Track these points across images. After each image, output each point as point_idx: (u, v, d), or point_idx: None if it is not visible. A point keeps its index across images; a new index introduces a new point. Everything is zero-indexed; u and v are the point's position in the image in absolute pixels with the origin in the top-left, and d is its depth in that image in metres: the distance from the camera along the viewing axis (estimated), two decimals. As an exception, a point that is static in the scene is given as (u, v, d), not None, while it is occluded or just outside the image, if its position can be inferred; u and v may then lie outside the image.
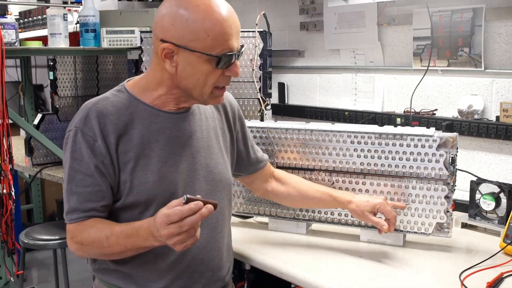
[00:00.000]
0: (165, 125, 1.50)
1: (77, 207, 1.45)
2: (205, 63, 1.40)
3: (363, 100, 2.67)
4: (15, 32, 2.60)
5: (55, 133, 3.36)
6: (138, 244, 1.39)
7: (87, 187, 1.44)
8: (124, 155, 1.45)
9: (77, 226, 1.46)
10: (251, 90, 2.38)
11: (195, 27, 1.37)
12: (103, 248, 1.43)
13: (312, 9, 2.82)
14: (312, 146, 1.94)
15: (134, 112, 1.48)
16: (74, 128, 1.46)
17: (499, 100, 2.15)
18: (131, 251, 1.43)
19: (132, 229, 1.39)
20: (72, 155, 1.45)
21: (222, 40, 1.38)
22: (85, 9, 2.82)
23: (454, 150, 1.76)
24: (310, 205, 1.93)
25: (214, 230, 1.59)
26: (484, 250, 1.80)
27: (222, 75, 1.44)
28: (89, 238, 1.44)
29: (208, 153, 1.59)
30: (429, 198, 1.80)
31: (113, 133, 1.44)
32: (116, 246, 1.41)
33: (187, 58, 1.40)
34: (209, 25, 1.37)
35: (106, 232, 1.41)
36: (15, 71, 5.01)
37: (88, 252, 1.50)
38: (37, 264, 4.60)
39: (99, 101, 1.48)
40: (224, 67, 1.42)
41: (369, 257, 1.77)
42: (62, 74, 3.39)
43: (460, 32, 2.21)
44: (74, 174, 1.45)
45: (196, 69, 1.41)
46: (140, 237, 1.36)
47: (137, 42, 2.80)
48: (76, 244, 1.47)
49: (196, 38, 1.37)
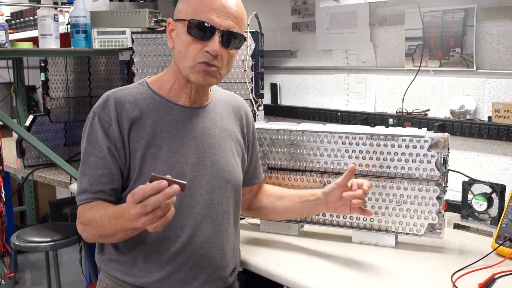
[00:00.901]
0: (178, 117, 1.56)
1: (87, 188, 1.50)
2: (185, 33, 1.49)
3: (356, 100, 2.66)
4: (5, 33, 2.58)
5: (47, 134, 3.34)
6: (126, 225, 1.37)
7: (98, 169, 1.49)
8: (135, 141, 1.51)
9: (84, 207, 1.50)
10: (243, 91, 2.36)
11: (185, 0, 1.51)
12: (98, 228, 1.45)
13: (304, 10, 2.82)
14: (303, 147, 1.93)
15: (151, 104, 1.55)
16: (92, 113, 1.54)
17: (491, 100, 2.15)
18: (121, 233, 1.41)
19: (120, 209, 1.38)
20: (88, 138, 1.52)
21: (199, 9, 1.47)
22: (76, 10, 2.80)
23: (446, 151, 1.76)
24: (294, 215, 1.90)
25: (218, 227, 1.60)
26: (476, 251, 1.80)
27: (202, 50, 1.48)
28: (88, 217, 1.47)
29: (220, 151, 1.61)
30: (420, 199, 1.80)
31: (127, 119, 1.51)
32: (108, 227, 1.42)
33: (177, 30, 1.53)
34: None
35: (101, 213, 1.44)
36: (7, 72, 4.99)
37: (89, 232, 1.51)
38: (30, 266, 4.58)
39: (119, 90, 1.57)
40: (198, 37, 1.48)
41: (361, 258, 1.76)
42: (53, 75, 3.37)
43: (451, 32, 2.20)
44: (88, 156, 1.51)
45: (180, 40, 1.51)
46: (126, 218, 1.34)
47: (128, 43, 2.78)
48: (80, 224, 1.51)
49: (182, 8, 1.51)
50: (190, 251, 1.55)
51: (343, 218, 1.91)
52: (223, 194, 1.61)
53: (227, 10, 1.49)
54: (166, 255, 1.53)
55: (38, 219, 4.92)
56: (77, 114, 3.49)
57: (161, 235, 1.52)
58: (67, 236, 3.05)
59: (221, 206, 1.60)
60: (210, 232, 1.57)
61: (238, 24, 1.52)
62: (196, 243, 1.55)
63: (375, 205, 1.86)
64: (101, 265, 1.62)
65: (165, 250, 1.53)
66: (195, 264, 1.56)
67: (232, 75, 2.36)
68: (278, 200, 1.84)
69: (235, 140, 1.69)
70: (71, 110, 3.45)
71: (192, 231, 1.54)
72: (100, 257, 1.62)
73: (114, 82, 3.65)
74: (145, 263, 1.54)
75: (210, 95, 1.67)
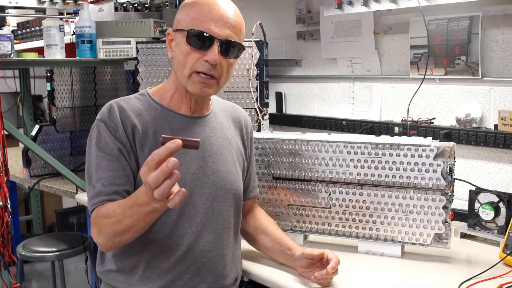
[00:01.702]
0: (179, 126, 1.57)
1: (101, 190, 1.48)
2: (184, 43, 1.50)
3: (361, 109, 2.66)
4: (11, 43, 2.59)
5: (52, 144, 3.35)
6: (142, 211, 1.31)
7: (111, 171, 1.48)
8: (140, 148, 1.52)
9: (97, 210, 1.46)
10: (248, 100, 2.36)
11: (183, 10, 1.54)
12: (113, 224, 1.38)
13: (309, 18, 2.82)
14: (308, 156, 1.92)
15: (152, 113, 1.57)
16: (97, 121, 1.55)
17: (497, 108, 2.13)
18: (138, 222, 1.35)
19: (132, 196, 1.34)
20: (98, 145, 1.51)
21: (198, 20, 1.49)
22: (81, 20, 2.81)
23: (452, 160, 1.75)
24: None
25: (219, 236, 1.60)
26: (483, 261, 1.78)
27: (200, 60, 1.50)
28: (101, 215, 1.43)
29: (221, 160, 1.62)
30: (427, 209, 1.79)
31: (131, 127, 1.52)
32: (123, 219, 1.36)
33: (176, 40, 1.54)
34: (193, 6, 1.52)
35: (114, 206, 1.41)
36: (13, 82, 5.01)
37: (104, 233, 1.42)
38: (36, 275, 4.57)
39: (122, 100, 1.58)
40: (197, 47, 1.49)
41: (367, 269, 1.75)
42: (59, 85, 3.38)
43: (457, 40, 2.20)
44: (100, 162, 1.50)
45: (180, 49, 1.52)
46: (141, 202, 1.29)
47: (133, 53, 2.79)
48: (94, 227, 1.45)
49: (181, 18, 1.53)
50: (191, 260, 1.55)
51: (348, 228, 1.89)
52: (224, 203, 1.61)
53: (225, 20, 1.50)
54: (166, 263, 1.53)
55: (44, 228, 4.93)
56: (83, 123, 3.50)
57: (161, 243, 1.52)
58: (73, 246, 3.04)
59: (222, 215, 1.61)
60: (211, 241, 1.58)
61: (237, 34, 1.53)
62: (196, 252, 1.55)
63: (381, 214, 1.85)
64: (102, 276, 1.62)
65: (165, 259, 1.53)
66: (196, 273, 1.56)
67: (237, 84, 2.36)
68: (262, 234, 1.80)
69: (236, 149, 1.69)
70: (77, 119, 3.46)
71: (192, 240, 1.54)
72: (101, 268, 1.62)
73: (120, 91, 3.66)
74: (146, 272, 1.54)
75: (210, 105, 1.68)
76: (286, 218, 1.97)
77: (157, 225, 1.51)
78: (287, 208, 1.97)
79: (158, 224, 1.51)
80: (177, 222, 1.53)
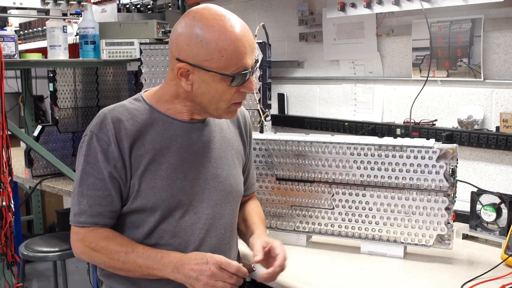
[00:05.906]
0: (178, 133, 1.53)
1: (86, 209, 1.48)
2: (220, 81, 1.42)
3: (363, 110, 2.67)
4: (15, 44, 2.60)
5: (55, 144, 3.35)
6: (153, 269, 1.43)
7: (97, 191, 1.47)
8: (136, 159, 1.48)
9: (90, 231, 1.49)
10: (250, 101, 2.37)
11: (209, 47, 1.39)
12: (115, 261, 1.46)
13: (311, 20, 2.83)
14: (311, 158, 1.93)
15: (149, 119, 1.51)
16: (89, 133, 1.49)
17: (499, 110, 2.15)
18: (139, 273, 1.46)
19: (156, 253, 1.44)
20: (86, 159, 1.48)
21: (236, 59, 1.40)
22: (84, 21, 2.83)
23: (454, 162, 1.76)
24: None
25: (221, 240, 1.60)
26: (485, 262, 1.79)
27: (237, 92, 1.46)
28: (107, 248, 1.46)
29: (221, 164, 1.60)
30: (429, 210, 1.80)
31: (127, 138, 1.47)
32: (130, 264, 1.45)
33: (202, 77, 1.43)
34: (223, 45, 1.38)
35: (127, 249, 1.45)
36: (15, 82, 5.02)
37: (95, 259, 1.51)
38: (38, 275, 4.58)
39: (115, 108, 1.52)
40: (239, 84, 1.44)
41: (370, 269, 1.76)
42: (62, 85, 3.38)
43: (459, 42, 2.21)
44: (86, 177, 1.48)
45: (211, 87, 1.43)
46: (160, 264, 1.41)
47: (137, 54, 2.80)
48: (87, 248, 1.49)
49: (211, 58, 1.39)
50: None
51: (351, 229, 1.91)
52: (225, 207, 1.60)
53: (252, 47, 1.45)
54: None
55: (45, 228, 4.93)
56: (85, 124, 3.50)
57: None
58: (75, 246, 3.05)
59: (224, 220, 1.60)
60: (214, 246, 1.56)
61: None
62: None
63: (383, 215, 1.86)
64: (104, 279, 1.60)
65: None
66: None
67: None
68: (242, 222, 1.76)
69: (236, 149, 1.67)
70: (79, 120, 3.46)
71: (195, 247, 1.53)
72: (101, 271, 1.60)
73: (122, 92, 3.66)
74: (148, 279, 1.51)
75: None
76: (289, 219, 1.98)
77: (159, 234, 1.51)
78: (290, 209, 1.98)
79: (160, 232, 1.51)
80: (179, 230, 1.52)
